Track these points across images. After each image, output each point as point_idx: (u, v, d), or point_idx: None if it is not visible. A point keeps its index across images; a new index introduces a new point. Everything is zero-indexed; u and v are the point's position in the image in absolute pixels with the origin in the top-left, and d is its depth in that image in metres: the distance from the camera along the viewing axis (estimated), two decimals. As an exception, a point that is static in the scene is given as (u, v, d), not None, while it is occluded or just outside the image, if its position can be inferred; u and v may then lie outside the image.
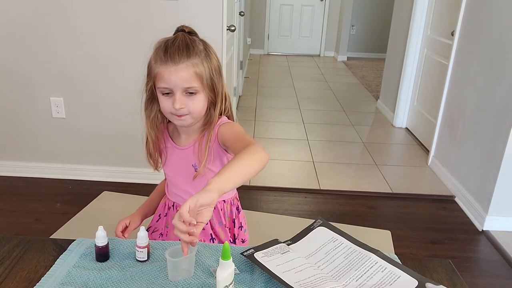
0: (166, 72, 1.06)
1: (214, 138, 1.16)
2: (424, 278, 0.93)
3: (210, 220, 1.26)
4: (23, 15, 2.38)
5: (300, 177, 2.90)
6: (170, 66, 1.06)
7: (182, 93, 1.08)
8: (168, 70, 1.06)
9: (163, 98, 1.10)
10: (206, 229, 1.25)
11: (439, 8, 3.36)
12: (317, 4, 7.14)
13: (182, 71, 1.06)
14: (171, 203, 1.29)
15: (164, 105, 1.10)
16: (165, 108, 1.11)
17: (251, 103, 4.50)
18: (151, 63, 1.11)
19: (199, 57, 1.09)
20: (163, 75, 1.07)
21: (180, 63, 1.06)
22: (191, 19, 2.33)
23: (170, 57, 1.06)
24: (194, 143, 1.18)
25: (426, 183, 2.94)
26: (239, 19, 3.94)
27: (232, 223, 1.31)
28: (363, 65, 6.72)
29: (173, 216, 1.26)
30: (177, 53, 1.06)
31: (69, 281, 0.91)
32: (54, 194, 2.52)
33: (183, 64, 1.06)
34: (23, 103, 2.56)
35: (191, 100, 1.09)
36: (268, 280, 0.92)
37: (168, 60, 1.06)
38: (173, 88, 1.07)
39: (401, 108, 3.88)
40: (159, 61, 1.07)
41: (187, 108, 1.09)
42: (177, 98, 1.07)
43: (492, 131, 2.36)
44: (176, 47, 1.07)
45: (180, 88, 1.07)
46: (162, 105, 1.11)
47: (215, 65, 1.14)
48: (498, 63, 2.36)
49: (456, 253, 2.17)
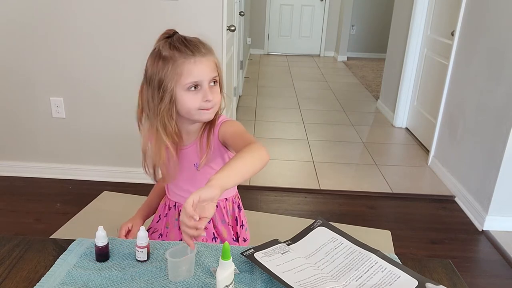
0: (195, 66, 1.05)
1: (216, 136, 1.16)
2: (424, 278, 0.93)
3: (213, 219, 1.26)
4: (23, 15, 2.38)
5: (300, 177, 2.90)
6: (199, 58, 1.06)
7: (209, 84, 1.08)
8: (198, 63, 1.05)
9: (190, 94, 1.07)
10: (208, 228, 1.25)
11: (439, 8, 3.36)
12: (317, 4, 7.14)
13: (208, 61, 1.08)
14: (172, 203, 1.29)
15: (193, 102, 1.07)
16: (193, 105, 1.07)
17: (251, 103, 4.50)
18: (167, 67, 1.05)
19: (211, 49, 1.11)
20: (192, 69, 1.05)
21: (206, 54, 1.07)
22: (191, 19, 2.35)
23: (196, 50, 1.06)
24: (195, 141, 1.18)
25: (426, 183, 2.94)
26: (239, 19, 3.94)
27: (234, 221, 1.31)
28: (363, 65, 6.72)
29: (175, 216, 1.26)
30: (199, 45, 1.07)
31: (69, 281, 0.91)
32: (54, 194, 2.52)
33: (208, 55, 1.08)
34: (23, 103, 2.56)
35: (214, 91, 1.10)
36: (268, 280, 0.92)
37: (195, 53, 1.05)
38: (202, 80, 1.07)
39: (401, 108, 3.88)
40: (182, 57, 1.05)
41: (214, 100, 1.09)
42: (207, 90, 1.07)
43: (492, 131, 2.36)
44: (189, 41, 1.08)
45: (207, 79, 1.07)
46: (190, 103, 1.07)
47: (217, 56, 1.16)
48: (498, 63, 2.36)
49: (456, 253, 2.17)
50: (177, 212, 1.27)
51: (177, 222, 1.26)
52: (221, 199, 1.25)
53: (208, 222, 1.23)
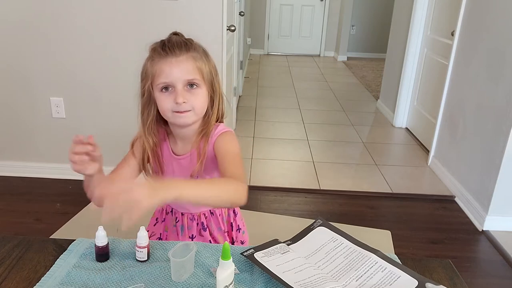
0: (167, 66, 1.02)
1: (211, 147, 1.12)
2: (424, 278, 0.93)
3: (209, 226, 1.25)
4: (23, 15, 2.38)
5: (300, 177, 2.90)
6: (170, 58, 1.03)
7: (184, 87, 1.04)
8: (169, 63, 1.02)
9: (163, 95, 1.04)
10: (205, 236, 1.25)
11: (439, 8, 3.36)
12: (317, 4, 7.14)
13: (183, 63, 1.03)
14: (169, 208, 1.28)
15: (165, 103, 1.04)
16: (165, 106, 1.05)
17: (251, 103, 4.50)
18: (147, 64, 1.07)
19: (198, 52, 1.07)
20: (163, 69, 1.03)
21: (180, 55, 1.03)
22: (191, 19, 2.35)
23: (169, 50, 1.03)
24: (192, 151, 1.14)
25: (426, 183, 2.94)
26: (239, 19, 3.94)
27: (230, 226, 1.31)
28: (363, 65, 6.72)
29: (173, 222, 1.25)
30: (176, 46, 1.04)
31: (69, 281, 0.91)
32: (54, 194, 2.52)
33: (183, 56, 1.04)
34: (23, 103, 2.56)
35: (193, 94, 1.05)
36: (268, 280, 0.92)
37: (167, 53, 1.03)
38: (174, 82, 1.03)
39: (401, 108, 3.88)
40: (157, 57, 1.04)
41: (190, 103, 1.04)
42: (179, 92, 1.02)
43: (492, 131, 2.36)
44: (173, 42, 1.05)
45: (181, 81, 1.03)
46: (162, 104, 1.05)
47: (213, 65, 1.13)
48: (498, 63, 2.36)
49: (456, 253, 2.17)
50: (174, 218, 1.26)
51: (175, 228, 1.26)
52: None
53: (204, 230, 1.23)
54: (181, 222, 1.25)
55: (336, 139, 3.66)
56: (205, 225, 1.25)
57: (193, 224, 1.24)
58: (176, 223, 1.26)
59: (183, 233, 1.25)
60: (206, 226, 1.25)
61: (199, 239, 1.25)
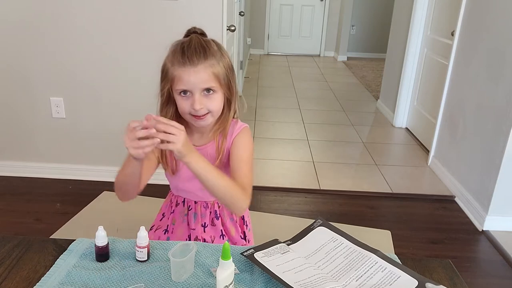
0: (185, 75, 1.07)
1: (229, 144, 1.19)
2: (424, 278, 0.93)
3: (221, 216, 1.28)
4: (23, 15, 2.38)
5: (300, 177, 2.90)
6: (188, 68, 1.07)
7: (201, 93, 1.09)
8: (187, 72, 1.07)
9: (181, 99, 1.10)
10: (217, 225, 1.27)
11: (439, 8, 3.36)
12: (317, 4, 7.14)
13: (201, 73, 1.08)
14: (180, 199, 1.29)
15: (183, 106, 1.10)
16: (184, 109, 1.11)
17: (251, 103, 4.50)
18: (167, 66, 1.11)
19: (215, 58, 1.11)
20: (182, 77, 1.07)
21: (198, 65, 1.07)
22: (191, 19, 2.35)
23: (188, 59, 1.07)
24: (211, 143, 1.20)
25: (426, 183, 2.94)
26: (239, 19, 3.94)
27: (241, 220, 1.34)
28: (363, 65, 6.72)
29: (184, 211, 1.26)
30: (194, 55, 1.07)
31: (69, 281, 0.91)
32: (54, 194, 2.52)
33: (201, 66, 1.07)
34: (23, 103, 2.56)
35: (209, 99, 1.10)
36: (268, 280, 0.92)
37: (186, 63, 1.07)
38: (192, 90, 1.08)
39: (401, 108, 3.88)
40: (177, 64, 1.08)
41: (206, 107, 1.10)
42: (196, 99, 1.08)
43: (492, 131, 2.36)
44: (193, 49, 1.08)
45: (199, 89, 1.08)
46: (181, 106, 1.11)
47: (229, 63, 1.16)
48: (498, 63, 2.36)
49: (456, 253, 2.17)
50: (187, 207, 1.28)
51: (186, 217, 1.28)
52: None
53: (217, 219, 1.27)
54: (194, 210, 1.27)
55: (336, 139, 3.66)
56: (218, 214, 1.28)
57: (206, 212, 1.27)
58: (189, 211, 1.27)
59: (196, 220, 1.26)
60: (219, 215, 1.28)
61: (211, 228, 1.27)
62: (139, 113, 1.23)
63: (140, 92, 2.44)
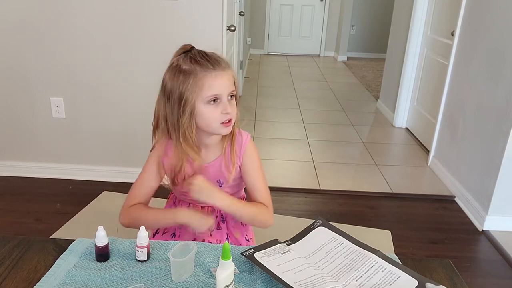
0: (217, 79, 1.07)
1: (240, 158, 1.20)
2: (424, 278, 0.93)
3: (226, 218, 1.29)
4: (23, 15, 2.38)
5: (300, 177, 2.90)
6: (218, 72, 1.07)
7: (227, 98, 1.10)
8: (219, 76, 1.07)
9: (210, 107, 1.08)
10: (223, 228, 1.28)
11: (439, 8, 3.36)
12: (317, 4, 7.14)
13: (227, 75, 1.09)
14: (186, 204, 1.28)
15: (214, 115, 1.09)
16: (214, 118, 1.09)
17: (251, 103, 4.50)
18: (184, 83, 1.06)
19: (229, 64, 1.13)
20: (211, 82, 1.07)
21: (225, 68, 1.09)
22: (191, 19, 2.35)
23: (217, 63, 1.08)
24: (220, 158, 1.20)
25: (426, 183, 2.94)
26: (239, 19, 3.94)
27: None
28: (363, 65, 6.72)
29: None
30: (217, 59, 1.09)
31: (69, 281, 0.91)
32: (54, 194, 2.52)
33: (226, 69, 1.10)
34: (23, 103, 2.56)
35: (231, 105, 1.11)
36: (268, 280, 0.93)
37: (216, 67, 1.07)
38: (222, 94, 1.08)
39: (401, 108, 3.88)
40: (202, 71, 1.06)
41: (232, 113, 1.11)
42: (226, 103, 1.09)
43: (492, 131, 2.36)
44: (210, 55, 1.10)
45: (226, 93, 1.09)
46: (210, 116, 1.09)
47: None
48: (498, 63, 2.36)
49: (456, 253, 2.17)
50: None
51: None
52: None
53: (223, 222, 1.29)
54: None
55: (336, 139, 3.66)
56: (224, 217, 1.29)
57: (213, 216, 1.26)
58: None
59: None
60: (224, 219, 1.29)
61: (217, 232, 1.28)
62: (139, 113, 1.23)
63: (140, 92, 2.44)
